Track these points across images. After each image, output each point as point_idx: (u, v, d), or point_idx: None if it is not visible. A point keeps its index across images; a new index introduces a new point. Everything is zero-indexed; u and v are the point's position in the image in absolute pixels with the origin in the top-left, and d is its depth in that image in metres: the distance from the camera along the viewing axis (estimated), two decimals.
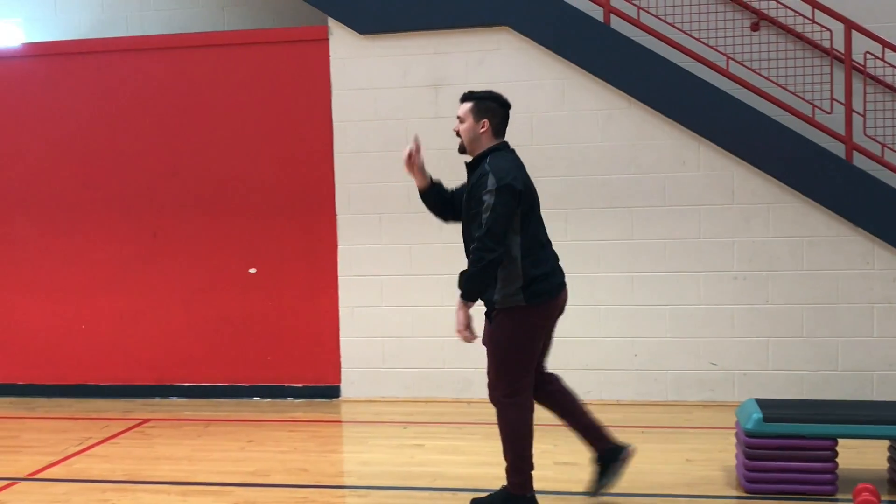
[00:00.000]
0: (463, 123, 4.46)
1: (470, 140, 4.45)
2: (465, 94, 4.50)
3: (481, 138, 4.44)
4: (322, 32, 7.26)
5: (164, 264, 7.54)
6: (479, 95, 4.48)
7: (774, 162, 6.75)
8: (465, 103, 4.48)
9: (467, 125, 4.45)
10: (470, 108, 4.44)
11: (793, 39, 7.23)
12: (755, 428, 4.71)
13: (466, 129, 4.45)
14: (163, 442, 6.18)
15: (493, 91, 4.51)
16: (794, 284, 6.77)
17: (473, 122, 4.43)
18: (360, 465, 5.62)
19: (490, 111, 4.45)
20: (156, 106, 7.53)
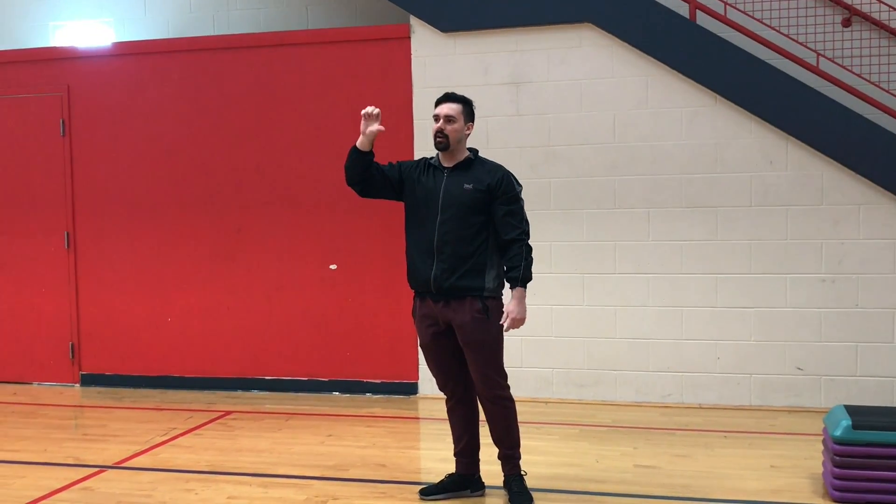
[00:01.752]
0: (454, 123, 4.57)
1: (457, 140, 4.60)
2: (449, 94, 4.65)
3: (464, 141, 4.64)
4: (404, 31, 7.29)
5: (248, 260, 7.67)
6: (465, 99, 4.65)
7: (865, 161, 6.54)
8: (455, 104, 4.62)
9: (458, 125, 4.59)
10: (461, 110, 4.60)
11: (886, 35, 7.00)
12: (844, 435, 4.57)
13: (457, 129, 4.59)
14: (245, 434, 6.29)
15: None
16: (885, 288, 6.55)
17: (463, 123, 4.60)
18: (438, 462, 5.62)
19: (473, 116, 4.71)
20: (240, 104, 7.65)
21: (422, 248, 4.61)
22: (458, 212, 4.54)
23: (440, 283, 4.54)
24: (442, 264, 4.53)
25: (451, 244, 4.51)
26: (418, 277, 4.63)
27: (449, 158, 4.66)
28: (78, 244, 8.01)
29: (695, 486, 4.99)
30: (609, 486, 4.98)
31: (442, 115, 4.60)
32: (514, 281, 4.54)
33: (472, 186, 4.55)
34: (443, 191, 4.58)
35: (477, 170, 4.62)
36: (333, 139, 7.46)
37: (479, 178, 4.57)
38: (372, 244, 7.42)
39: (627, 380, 7.03)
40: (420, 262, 4.61)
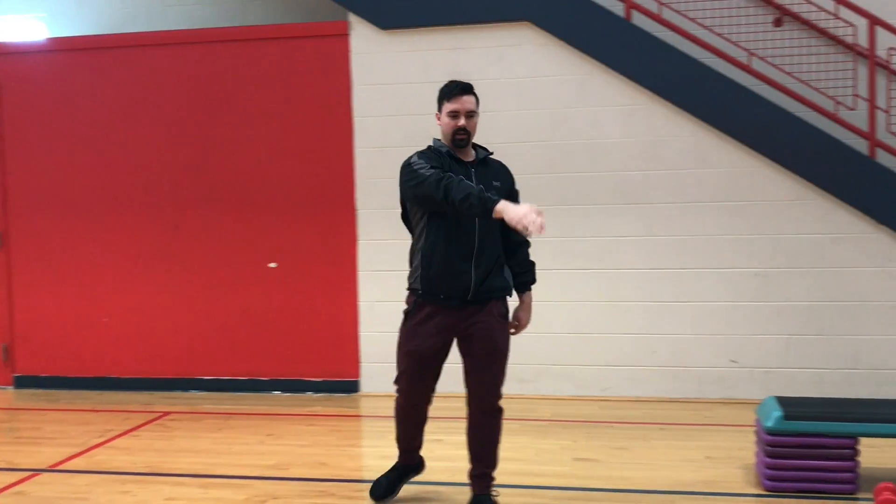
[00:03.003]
0: (474, 118, 4.27)
1: (475, 133, 4.32)
2: (464, 85, 4.25)
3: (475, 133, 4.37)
4: (343, 27, 7.27)
5: (186, 258, 7.59)
6: (472, 86, 4.31)
7: (797, 159, 6.70)
8: (473, 96, 4.28)
9: (476, 119, 4.30)
10: (476, 102, 4.28)
11: (816, 35, 7.17)
12: (776, 426, 4.69)
13: (476, 123, 4.30)
14: (183, 434, 6.22)
15: None
16: (816, 282, 6.73)
17: (477, 115, 4.31)
18: (380, 459, 5.62)
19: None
20: (177, 101, 7.56)
21: (462, 253, 4.21)
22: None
23: (479, 286, 4.23)
24: (482, 268, 4.23)
25: (489, 246, 4.25)
26: (455, 285, 4.22)
27: (466, 153, 4.32)
28: (10, 244, 7.84)
29: (632, 479, 5.07)
30: (548, 480, 5.04)
31: (464, 110, 4.22)
32: (526, 286, 4.43)
33: (499, 184, 4.28)
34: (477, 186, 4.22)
35: (494, 166, 4.38)
36: (272, 136, 7.41)
37: (501, 174, 4.36)
38: (312, 241, 7.39)
39: (567, 374, 7.12)
40: (460, 269, 4.20)
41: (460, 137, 4.23)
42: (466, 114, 4.23)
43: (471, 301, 4.22)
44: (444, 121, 4.27)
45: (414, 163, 4.20)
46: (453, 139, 4.24)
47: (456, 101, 4.21)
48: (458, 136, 4.23)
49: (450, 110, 4.22)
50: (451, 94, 4.22)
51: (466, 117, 4.23)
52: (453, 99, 4.22)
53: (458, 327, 4.29)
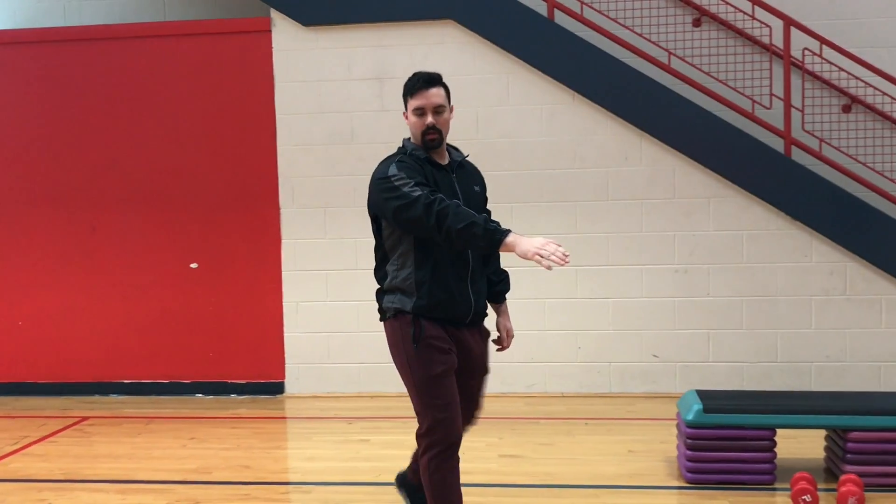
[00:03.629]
0: (443, 113, 3.71)
1: (447, 131, 3.76)
2: (427, 77, 3.69)
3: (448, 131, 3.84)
4: (264, 24, 7.18)
5: (103, 259, 7.40)
6: (440, 77, 3.76)
7: (715, 157, 6.84)
8: (439, 88, 3.70)
9: (448, 114, 3.75)
10: (445, 94, 3.72)
11: (733, 35, 7.33)
12: (695, 419, 4.77)
13: (447, 119, 3.75)
14: (102, 440, 6.07)
15: None
16: (735, 277, 6.87)
17: (449, 110, 3.76)
18: (305, 461, 5.58)
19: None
20: (94, 97, 7.37)
21: (459, 273, 3.71)
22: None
23: (477, 310, 3.80)
24: (478, 288, 3.80)
25: (479, 262, 3.80)
26: (456, 310, 3.72)
27: (441, 155, 3.79)
28: None
29: (557, 474, 5.11)
30: (474, 477, 5.05)
31: (430, 106, 3.66)
32: (503, 294, 4.05)
33: (479, 188, 3.86)
34: (462, 195, 3.74)
35: (469, 168, 3.90)
36: (192, 134, 7.28)
37: (478, 178, 3.92)
38: (234, 241, 7.28)
39: (493, 371, 7.11)
40: (459, 292, 3.71)
41: (431, 138, 3.69)
42: (434, 109, 3.67)
43: (467, 324, 3.80)
44: (411, 120, 3.73)
45: (393, 177, 3.60)
46: (423, 140, 3.70)
47: (420, 97, 3.66)
48: (429, 137, 3.68)
49: (415, 107, 3.68)
50: (414, 89, 3.67)
51: (434, 113, 3.67)
52: (417, 94, 3.67)
53: (461, 348, 3.80)
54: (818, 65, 7.15)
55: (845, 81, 7.17)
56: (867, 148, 7.14)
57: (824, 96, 7.25)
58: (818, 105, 7.21)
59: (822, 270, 6.79)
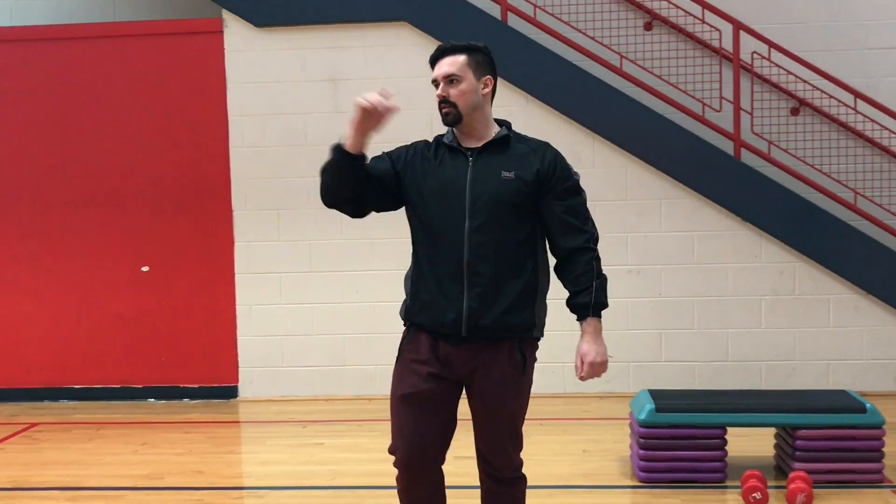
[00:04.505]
0: (460, 83, 3.21)
1: (472, 106, 3.23)
2: (446, 46, 3.28)
3: (486, 106, 3.28)
4: (216, 24, 7.11)
5: (52, 263, 7.28)
6: (472, 46, 3.29)
7: (666, 159, 6.92)
8: (456, 56, 3.25)
9: (468, 85, 3.22)
10: (467, 62, 3.23)
11: (684, 39, 7.41)
12: (648, 418, 4.82)
13: (467, 91, 3.22)
14: (51, 447, 5.97)
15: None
16: (686, 278, 6.96)
17: (475, 80, 3.24)
18: (259, 465, 5.54)
19: (491, 67, 3.31)
20: (41, 99, 7.25)
21: (444, 270, 3.20)
22: (496, 213, 3.17)
23: (476, 320, 3.17)
24: (478, 292, 3.17)
25: (490, 261, 3.16)
26: (439, 315, 3.20)
27: (470, 135, 3.28)
28: None
29: None
30: None
31: (440, 76, 3.23)
32: (583, 309, 3.27)
33: (513, 174, 3.20)
34: (470, 183, 3.20)
35: (517, 150, 3.27)
36: (143, 135, 7.20)
37: (523, 161, 3.24)
38: (185, 243, 7.20)
39: None
40: (442, 292, 3.20)
41: (444, 111, 3.23)
42: (445, 79, 3.22)
43: (473, 338, 3.20)
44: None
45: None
46: (441, 116, 3.26)
47: (434, 69, 3.27)
48: (443, 111, 3.24)
49: (432, 79, 3.28)
50: (432, 60, 3.29)
51: (446, 84, 3.22)
52: (433, 66, 3.28)
53: (463, 369, 3.25)
54: (767, 68, 7.27)
55: (793, 85, 7.29)
56: (815, 150, 7.27)
57: (773, 99, 7.37)
58: (767, 108, 7.32)
59: (771, 271, 6.90)
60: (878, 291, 6.83)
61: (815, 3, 7.43)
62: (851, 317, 6.86)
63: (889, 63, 7.37)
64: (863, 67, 7.33)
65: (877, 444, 4.80)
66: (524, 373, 3.29)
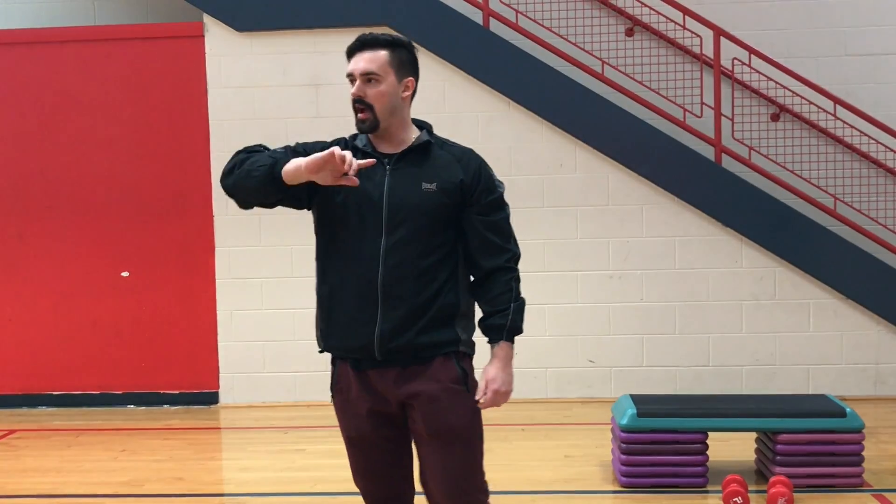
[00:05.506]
0: (378, 84, 2.87)
1: (390, 109, 2.89)
2: (378, 36, 2.93)
3: (404, 107, 2.94)
4: (197, 29, 7.09)
5: (31, 268, 7.22)
6: (394, 40, 2.94)
7: (647, 164, 6.94)
8: (376, 51, 2.89)
9: (388, 87, 2.88)
10: (388, 60, 2.89)
11: (665, 45, 7.44)
12: (629, 423, 4.83)
13: (386, 92, 2.88)
14: (30, 454, 5.92)
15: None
16: (667, 283, 6.98)
17: (396, 80, 2.90)
18: (239, 471, 5.51)
19: (414, 67, 2.97)
20: (21, 103, 7.20)
21: (354, 290, 2.89)
22: (415, 230, 2.86)
23: (389, 342, 2.87)
24: (393, 314, 2.86)
25: (407, 283, 2.84)
26: (350, 339, 2.91)
27: (388, 140, 2.95)
28: None
29: (494, 480, 5.05)
30: None
31: (357, 72, 2.88)
32: (496, 332, 3.00)
33: (434, 186, 2.90)
34: (387, 194, 2.88)
35: (439, 158, 2.96)
36: (123, 140, 7.16)
37: (446, 172, 2.94)
38: (166, 249, 7.16)
39: None
40: (352, 314, 2.89)
41: (360, 117, 2.90)
42: (362, 77, 2.87)
43: (392, 361, 2.90)
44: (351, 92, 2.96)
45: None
46: (356, 120, 2.93)
47: (351, 62, 2.92)
48: (358, 115, 2.90)
49: (346, 74, 2.93)
50: (349, 53, 2.95)
51: (363, 82, 2.87)
52: (350, 58, 2.93)
53: (389, 398, 2.94)
54: (747, 74, 7.31)
55: (774, 91, 7.33)
56: (795, 156, 7.31)
57: (753, 105, 7.41)
58: (747, 114, 7.36)
59: (751, 276, 6.93)
60: (858, 296, 6.87)
61: (795, 9, 7.48)
62: (831, 321, 6.90)
63: (868, 69, 7.43)
64: (842, 74, 7.38)
65: (856, 449, 4.83)
66: (467, 388, 2.96)
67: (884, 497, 4.75)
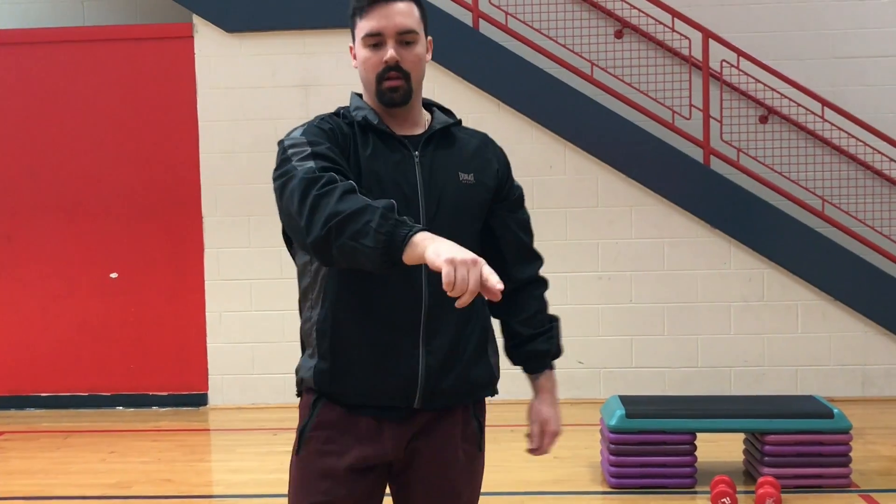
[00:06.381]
0: (415, 45, 2.26)
1: (422, 77, 2.31)
2: None
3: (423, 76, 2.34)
4: (187, 30, 7.08)
5: (19, 270, 7.20)
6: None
7: (636, 166, 6.96)
8: (410, 3, 2.27)
9: (422, 49, 2.29)
10: (420, 14, 2.30)
11: (654, 47, 7.47)
12: (618, 424, 4.84)
13: (422, 56, 2.29)
14: (17, 455, 5.90)
15: None
16: (656, 284, 6.99)
17: (425, 42, 2.33)
18: (229, 473, 5.50)
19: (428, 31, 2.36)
20: (10, 104, 7.17)
21: (383, 316, 2.24)
22: (458, 232, 2.15)
23: (436, 382, 2.27)
24: (438, 344, 2.26)
25: (451, 301, 1.99)
26: (379, 381, 2.25)
27: (404, 119, 2.33)
28: None
29: (482, 481, 5.12)
30: None
31: (391, 31, 2.21)
32: (540, 359, 2.53)
33: (472, 178, 2.34)
34: (424, 190, 2.26)
35: (466, 142, 2.41)
36: (112, 140, 7.14)
37: (479, 158, 2.39)
38: (155, 250, 7.15)
39: None
40: (381, 347, 2.24)
41: (391, 85, 2.23)
42: (398, 36, 2.22)
43: (426, 408, 2.29)
44: (360, 57, 2.26)
45: (289, 143, 2.21)
46: (379, 91, 2.25)
47: (375, 14, 2.21)
48: (388, 84, 2.23)
49: (367, 32, 2.22)
50: (365, 6, 2.23)
51: (400, 44, 2.22)
52: (371, 9, 2.22)
53: (399, 451, 2.32)
54: (736, 76, 7.33)
55: (762, 93, 7.36)
56: (783, 158, 7.34)
57: (742, 107, 7.43)
58: (736, 116, 7.38)
59: (740, 277, 6.96)
60: (846, 298, 6.91)
61: (784, 12, 7.51)
62: (819, 323, 6.93)
63: (856, 72, 7.46)
64: (830, 76, 7.42)
65: (844, 450, 4.85)
66: (481, 449, 2.42)
67: (871, 497, 4.77)
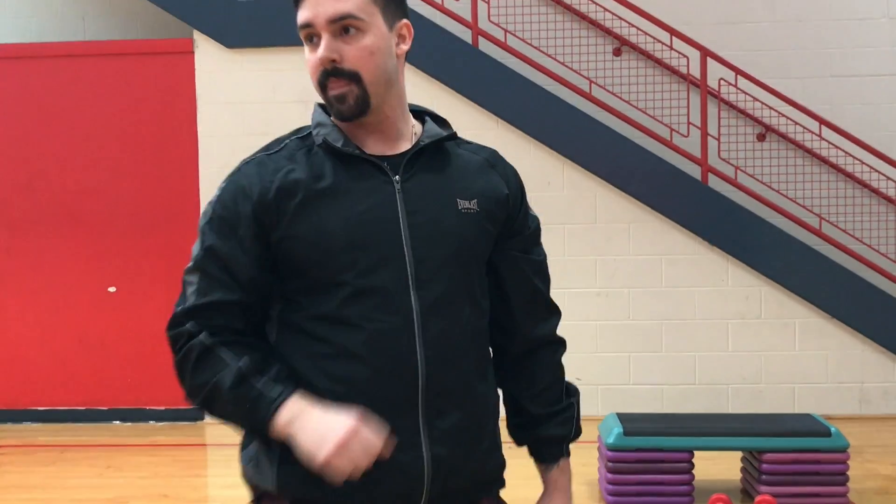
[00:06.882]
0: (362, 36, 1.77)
1: (385, 77, 1.81)
2: None
3: (400, 73, 1.87)
4: (187, 45, 7.10)
5: (17, 283, 7.20)
6: None
7: (634, 183, 6.97)
8: None
9: (375, 38, 1.78)
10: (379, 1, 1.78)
11: (652, 65, 7.50)
12: (616, 442, 4.84)
13: (375, 48, 1.78)
14: (13, 470, 5.89)
15: None
16: (654, 301, 7.00)
17: (385, 29, 1.81)
18: (225, 488, 5.48)
19: (404, 8, 1.90)
20: (10, 117, 7.19)
21: (369, 390, 1.73)
22: (460, 275, 1.82)
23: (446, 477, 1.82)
24: (445, 427, 1.80)
25: (459, 365, 1.79)
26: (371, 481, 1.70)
27: (380, 133, 1.85)
28: None
29: None
30: None
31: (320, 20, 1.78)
32: (556, 447, 2.03)
33: (475, 205, 1.86)
34: (407, 222, 1.79)
35: (466, 160, 1.93)
36: (112, 155, 7.16)
37: (482, 181, 1.92)
38: (153, 264, 7.15)
39: None
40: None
41: (335, 93, 1.80)
42: (331, 26, 1.77)
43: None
44: (306, 57, 1.84)
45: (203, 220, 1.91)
46: (328, 103, 1.84)
47: (306, 1, 1.80)
48: (331, 93, 1.81)
49: (299, 24, 1.83)
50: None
51: (334, 35, 1.77)
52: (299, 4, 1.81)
53: None
54: (734, 94, 7.36)
55: (760, 111, 7.39)
56: (781, 176, 7.36)
57: (739, 125, 7.46)
58: (734, 134, 7.41)
59: (737, 294, 6.96)
60: (843, 315, 6.91)
61: (782, 30, 7.55)
62: (816, 340, 6.93)
63: (854, 91, 7.49)
64: (828, 95, 7.44)
65: (841, 468, 4.84)
66: None
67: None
